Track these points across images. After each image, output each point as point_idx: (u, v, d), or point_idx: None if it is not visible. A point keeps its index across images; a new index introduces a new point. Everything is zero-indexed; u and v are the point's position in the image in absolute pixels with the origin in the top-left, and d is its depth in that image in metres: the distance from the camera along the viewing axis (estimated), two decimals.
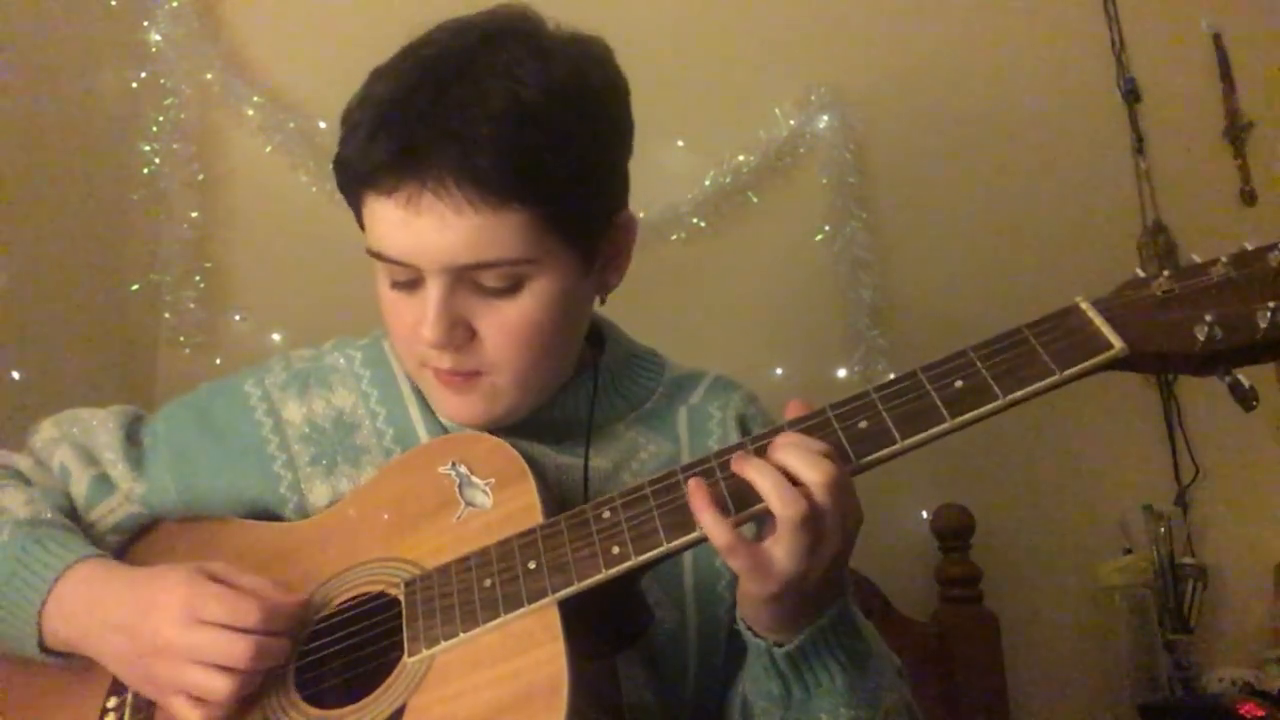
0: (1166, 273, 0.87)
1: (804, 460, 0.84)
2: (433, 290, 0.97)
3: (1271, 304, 0.81)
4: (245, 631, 0.91)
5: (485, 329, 0.99)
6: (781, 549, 0.83)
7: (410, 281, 0.99)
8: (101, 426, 1.15)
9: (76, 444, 1.13)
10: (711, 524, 0.84)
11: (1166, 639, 1.91)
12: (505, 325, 0.99)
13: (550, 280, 0.99)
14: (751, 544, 0.84)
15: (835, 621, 0.89)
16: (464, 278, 0.97)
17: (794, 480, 0.83)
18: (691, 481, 0.87)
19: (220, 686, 0.90)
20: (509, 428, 1.09)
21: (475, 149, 0.92)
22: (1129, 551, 1.98)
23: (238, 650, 0.90)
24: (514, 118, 0.93)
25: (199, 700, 0.91)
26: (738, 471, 0.86)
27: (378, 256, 0.99)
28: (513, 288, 0.98)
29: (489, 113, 0.92)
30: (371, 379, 1.14)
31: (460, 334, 0.99)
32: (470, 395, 1.03)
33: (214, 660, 0.90)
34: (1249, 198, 2.10)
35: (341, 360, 1.17)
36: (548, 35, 1.01)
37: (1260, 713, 1.66)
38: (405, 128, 0.93)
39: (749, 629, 0.92)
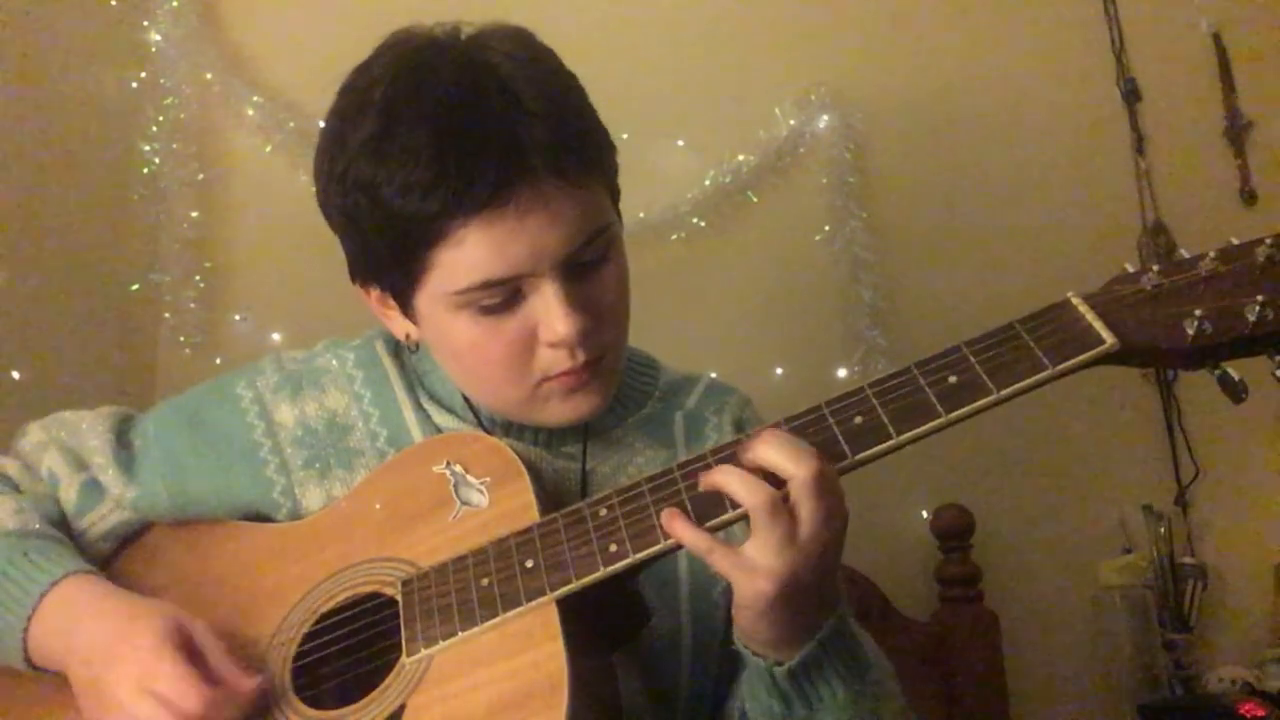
0: (1156, 268, 0.88)
1: (784, 454, 0.84)
2: (552, 286, 0.95)
3: (1260, 298, 0.82)
4: (184, 717, 0.89)
5: (597, 302, 0.99)
6: (758, 542, 0.83)
7: (507, 300, 0.96)
8: (90, 430, 1.13)
9: (65, 448, 1.12)
10: (685, 532, 0.86)
11: (1166, 639, 1.91)
12: (609, 291, 1.01)
13: (618, 237, 1.03)
14: (727, 544, 0.85)
15: (833, 634, 0.89)
16: (570, 262, 0.96)
17: (774, 478, 0.84)
18: (665, 512, 0.87)
19: None
20: (505, 431, 1.09)
21: (553, 134, 0.93)
22: (1129, 551, 1.97)
23: None
24: (556, 95, 0.96)
25: None
26: (706, 485, 0.87)
27: (478, 289, 0.95)
28: (604, 255, 1.00)
29: (537, 99, 0.94)
30: (364, 380, 1.13)
31: (589, 318, 0.98)
32: (590, 387, 1.02)
33: None
34: (1249, 198, 2.09)
35: (334, 362, 1.15)
36: (486, 32, 1.01)
37: (1260, 713, 1.66)
38: (488, 144, 0.91)
39: (747, 648, 0.91)
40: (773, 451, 0.85)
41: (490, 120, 0.92)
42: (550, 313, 0.96)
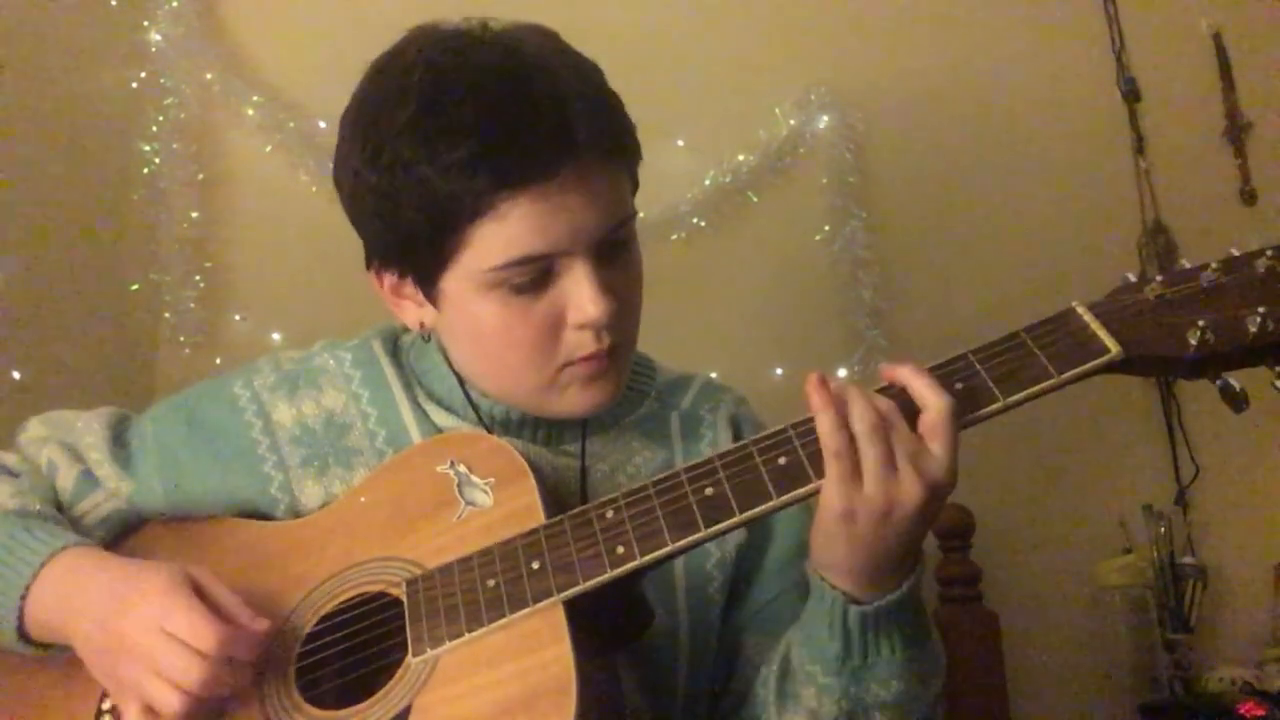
0: (1159, 278, 0.88)
1: (927, 384, 0.87)
2: (584, 268, 0.97)
3: (1261, 309, 0.83)
4: (202, 655, 0.89)
5: (621, 287, 1.00)
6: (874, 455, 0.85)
7: (537, 279, 0.97)
8: (87, 429, 1.14)
9: (63, 443, 1.13)
10: (823, 410, 0.87)
11: (1166, 639, 1.91)
12: (630, 276, 1.03)
13: (634, 227, 1.04)
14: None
15: (907, 597, 0.90)
16: (603, 242, 0.98)
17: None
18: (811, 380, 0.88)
19: (172, 702, 0.89)
20: (504, 429, 1.09)
21: (596, 113, 0.95)
22: (1129, 551, 1.97)
23: (192, 673, 0.89)
24: (592, 79, 0.99)
25: (150, 711, 0.91)
26: (890, 379, 0.89)
27: (514, 265, 0.95)
28: (627, 240, 1.02)
29: (579, 84, 0.96)
30: (362, 380, 1.13)
31: (615, 301, 0.98)
32: (608, 374, 1.03)
33: (168, 676, 0.89)
34: (1249, 198, 2.09)
35: (331, 361, 1.15)
36: (510, 27, 1.02)
37: (1260, 712, 1.66)
38: (538, 119, 0.93)
39: (824, 579, 0.91)
40: (916, 379, 0.87)
41: (537, 95, 0.93)
42: (581, 294, 0.97)
